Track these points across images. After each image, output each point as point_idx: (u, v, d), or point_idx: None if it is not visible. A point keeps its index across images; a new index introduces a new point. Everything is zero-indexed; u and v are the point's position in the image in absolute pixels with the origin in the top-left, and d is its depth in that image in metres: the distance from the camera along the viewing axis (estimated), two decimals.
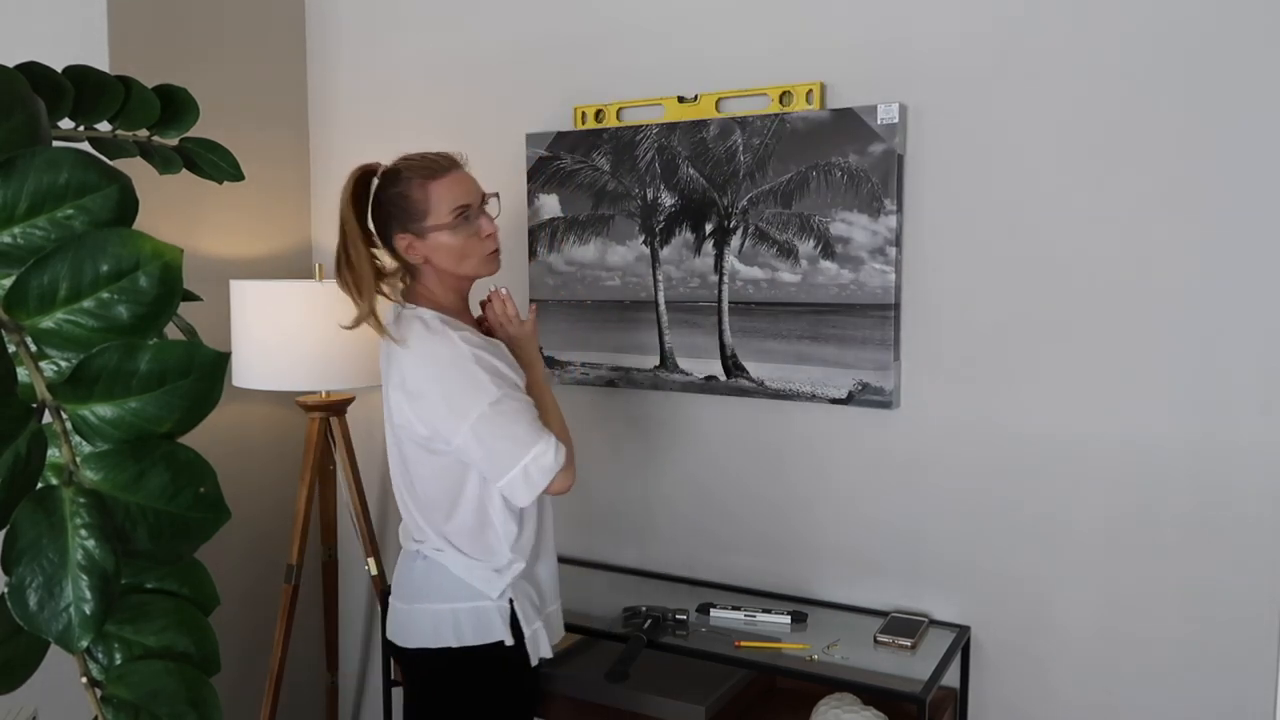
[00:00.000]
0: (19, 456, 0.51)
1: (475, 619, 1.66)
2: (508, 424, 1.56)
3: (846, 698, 1.84)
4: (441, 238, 1.63)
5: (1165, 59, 1.73)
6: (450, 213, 1.62)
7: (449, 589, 1.68)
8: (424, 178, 1.63)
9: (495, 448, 1.57)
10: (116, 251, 0.54)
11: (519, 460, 1.56)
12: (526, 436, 1.57)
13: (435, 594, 1.69)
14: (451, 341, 1.59)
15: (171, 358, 0.55)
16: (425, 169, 1.63)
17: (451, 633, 1.67)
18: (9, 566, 0.52)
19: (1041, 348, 1.86)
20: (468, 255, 1.65)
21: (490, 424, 1.56)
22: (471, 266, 1.66)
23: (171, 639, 0.60)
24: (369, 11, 2.58)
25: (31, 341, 0.55)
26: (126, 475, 0.55)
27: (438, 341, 1.60)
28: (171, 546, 0.56)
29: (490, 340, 1.68)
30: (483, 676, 1.70)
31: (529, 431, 1.57)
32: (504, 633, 1.66)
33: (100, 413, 0.55)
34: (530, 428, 1.58)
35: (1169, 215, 1.74)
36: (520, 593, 1.70)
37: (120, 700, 0.57)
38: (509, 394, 1.58)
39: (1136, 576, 1.81)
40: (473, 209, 1.64)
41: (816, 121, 1.98)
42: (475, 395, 1.56)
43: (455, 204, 1.62)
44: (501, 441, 1.56)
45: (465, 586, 1.67)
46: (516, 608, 1.68)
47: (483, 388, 1.56)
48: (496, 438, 1.56)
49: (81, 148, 0.60)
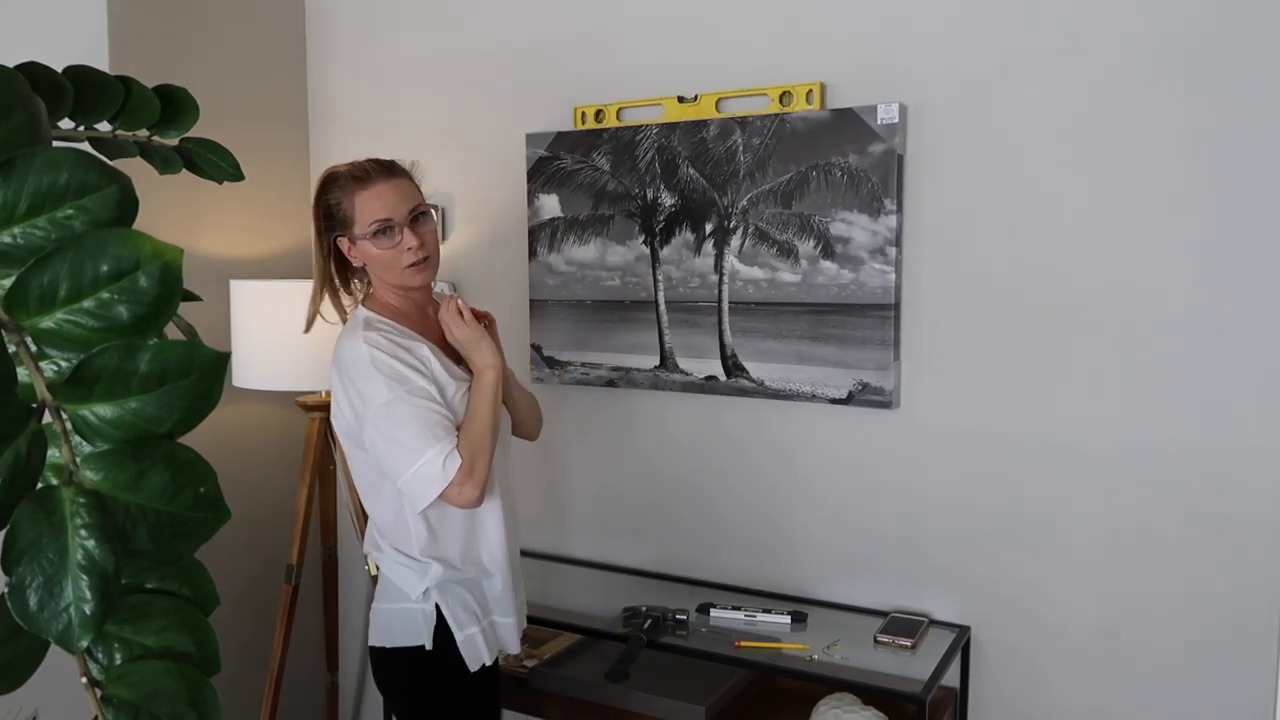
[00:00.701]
0: (19, 456, 0.51)
1: (401, 620, 1.67)
2: (394, 428, 1.56)
3: (846, 698, 1.84)
4: (365, 247, 1.65)
5: (1165, 59, 1.73)
6: (370, 224, 1.63)
7: (384, 589, 1.71)
8: (352, 187, 1.64)
9: (386, 450, 1.58)
10: (116, 251, 0.54)
11: (407, 466, 1.56)
12: (413, 443, 1.55)
13: (379, 594, 1.73)
14: (356, 342, 1.61)
15: (172, 358, 0.55)
16: (354, 178, 1.65)
17: (382, 633, 1.70)
18: (9, 566, 0.52)
19: (1041, 348, 1.86)
20: (389, 266, 1.65)
21: (378, 427, 1.57)
22: (394, 277, 1.66)
23: (171, 639, 0.60)
24: (369, 11, 2.58)
25: (31, 341, 0.55)
26: (126, 475, 0.55)
27: (346, 342, 1.64)
28: (171, 546, 0.56)
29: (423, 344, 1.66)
30: (413, 679, 1.70)
31: (416, 438, 1.55)
32: (425, 637, 1.65)
33: (100, 413, 0.55)
34: (419, 435, 1.55)
35: (1169, 215, 1.74)
36: (452, 598, 1.67)
37: (120, 700, 0.56)
38: (403, 398, 1.56)
39: (1136, 577, 1.81)
40: (394, 222, 1.63)
41: (816, 121, 1.98)
42: (369, 396, 1.58)
43: (374, 217, 1.63)
44: (390, 445, 1.57)
45: (393, 587, 1.69)
46: (445, 612, 1.66)
47: (375, 390, 1.57)
48: (387, 440, 1.57)
49: (81, 148, 0.60)
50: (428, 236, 1.66)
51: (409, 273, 1.65)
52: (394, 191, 1.64)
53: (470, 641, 1.67)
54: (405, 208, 1.64)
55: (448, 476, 1.55)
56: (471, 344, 1.67)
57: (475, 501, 1.58)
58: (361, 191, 1.63)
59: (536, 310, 2.33)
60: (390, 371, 1.58)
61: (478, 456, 1.58)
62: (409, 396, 1.57)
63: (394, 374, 1.58)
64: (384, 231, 1.63)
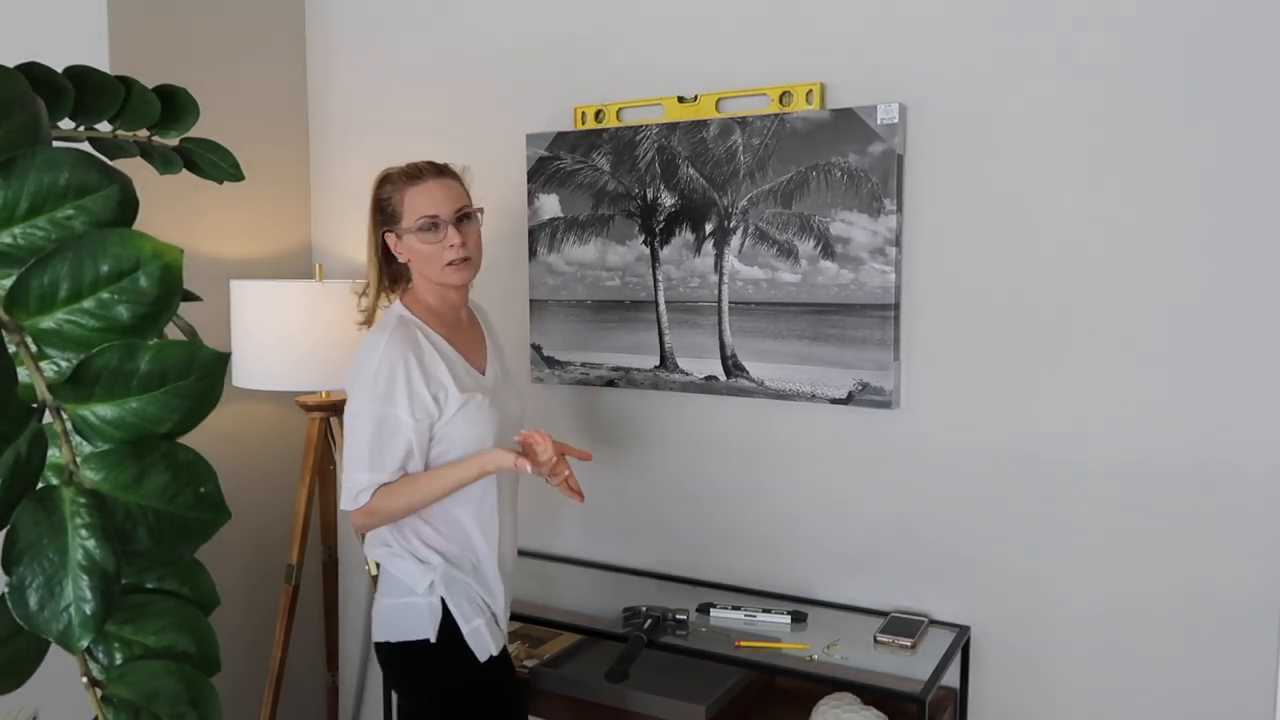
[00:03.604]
0: (19, 456, 0.51)
1: (406, 614, 1.70)
2: (352, 436, 1.66)
3: (846, 698, 1.84)
4: (411, 242, 1.71)
5: (1166, 60, 1.73)
6: (417, 219, 1.69)
7: (387, 585, 1.74)
8: (404, 183, 1.72)
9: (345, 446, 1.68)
10: (117, 251, 0.54)
11: (344, 470, 1.67)
12: (354, 460, 1.65)
13: (382, 590, 1.76)
14: (376, 343, 1.67)
15: (172, 358, 0.55)
16: (407, 175, 1.72)
17: (387, 628, 1.72)
18: (9, 566, 0.52)
19: (1041, 347, 1.86)
20: (431, 262, 1.71)
21: (348, 423, 1.68)
22: (435, 274, 1.72)
23: (172, 639, 0.60)
24: (369, 12, 2.58)
25: (32, 341, 0.55)
26: (127, 475, 0.55)
27: (372, 336, 1.70)
28: (172, 546, 0.56)
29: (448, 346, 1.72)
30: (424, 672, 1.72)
31: (360, 458, 1.64)
32: (430, 630, 1.68)
33: (100, 413, 0.55)
34: (363, 455, 1.64)
35: (1168, 215, 1.74)
36: (458, 591, 1.70)
37: (121, 700, 0.56)
38: (372, 417, 1.63)
39: (1136, 576, 1.82)
40: (440, 219, 1.69)
41: (816, 121, 1.98)
42: (354, 393, 1.67)
43: (421, 213, 1.69)
44: (347, 445, 1.68)
45: (397, 582, 1.72)
46: (450, 605, 1.69)
47: (359, 393, 1.65)
48: (348, 438, 1.68)
49: (82, 148, 0.60)
50: (471, 237, 1.73)
51: (448, 271, 1.70)
52: (443, 190, 1.71)
53: (477, 633, 1.70)
54: (452, 207, 1.71)
55: (356, 502, 1.65)
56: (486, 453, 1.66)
57: (357, 529, 1.70)
58: (412, 187, 1.70)
59: (536, 310, 2.33)
60: (384, 388, 1.64)
61: (389, 509, 1.65)
62: (379, 421, 1.64)
63: (384, 393, 1.64)
64: (429, 228, 1.69)
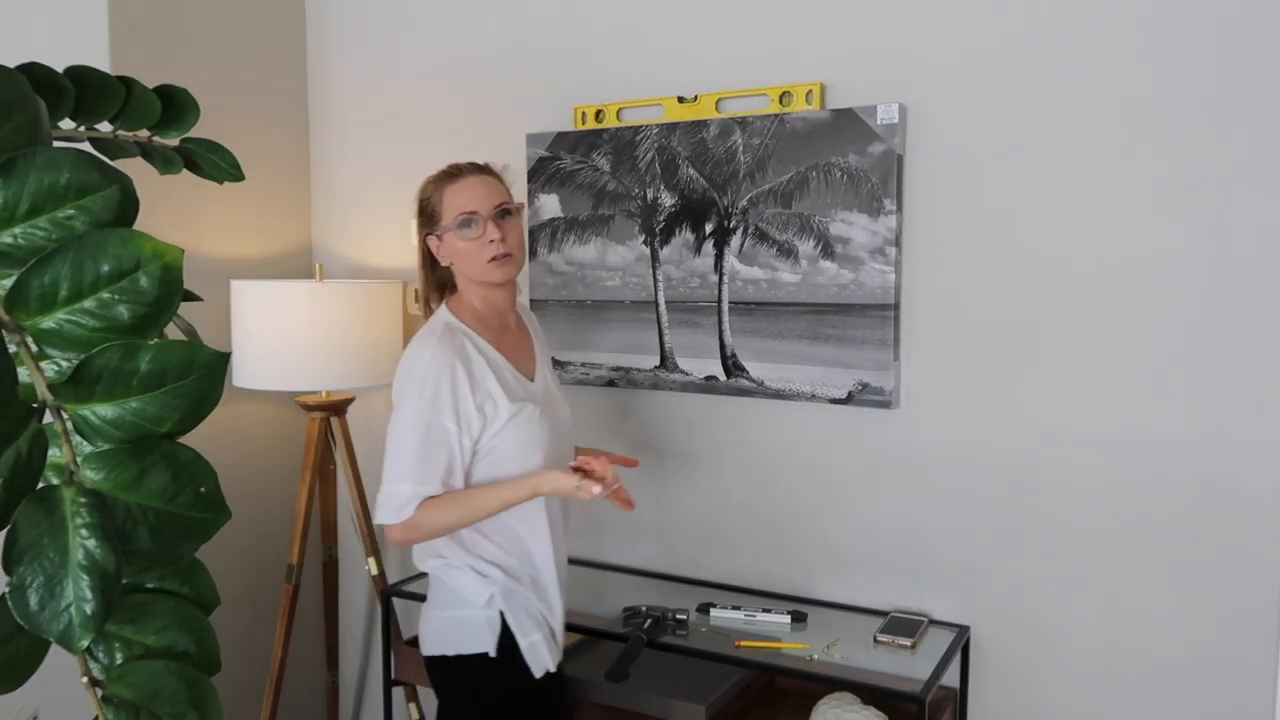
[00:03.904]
0: (20, 456, 0.51)
1: (463, 627, 1.67)
2: (394, 446, 1.62)
3: (846, 697, 1.84)
4: (452, 240, 1.69)
5: (1165, 60, 1.73)
6: (456, 216, 1.68)
7: (441, 597, 1.71)
8: (443, 183, 1.71)
9: (387, 453, 1.63)
10: (117, 251, 0.54)
11: (386, 480, 1.62)
12: (397, 470, 1.60)
13: (436, 602, 1.73)
14: (422, 351, 1.64)
15: (172, 358, 0.55)
16: (446, 174, 1.72)
17: (443, 641, 1.69)
18: (10, 566, 0.52)
19: (1041, 348, 1.86)
20: (472, 260, 1.69)
21: (391, 433, 1.64)
22: (477, 271, 1.70)
23: (172, 639, 0.60)
24: (369, 12, 2.58)
25: (32, 341, 0.55)
26: (127, 475, 0.55)
27: (416, 344, 1.67)
28: (172, 546, 0.56)
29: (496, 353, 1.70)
30: (480, 687, 1.69)
31: (404, 468, 1.59)
32: (489, 644, 1.65)
33: (101, 413, 0.55)
34: (408, 465, 1.59)
35: (1168, 215, 1.74)
36: (517, 604, 1.68)
37: (121, 699, 0.57)
38: (418, 427, 1.59)
39: (1136, 576, 1.82)
40: (479, 215, 1.68)
41: (816, 122, 1.98)
42: (401, 403, 1.64)
43: (460, 209, 1.68)
44: (389, 455, 1.63)
45: (453, 594, 1.69)
46: (509, 619, 1.66)
47: (406, 401, 1.62)
48: (390, 448, 1.63)
49: (82, 148, 0.60)
50: (511, 233, 1.71)
51: (490, 267, 1.68)
52: (482, 185, 1.71)
53: (534, 648, 1.67)
54: (491, 202, 1.70)
55: (399, 516, 1.59)
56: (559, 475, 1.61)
57: (397, 544, 1.64)
58: (450, 186, 1.70)
59: (536, 310, 2.33)
60: (431, 394, 1.60)
61: (433, 525, 1.60)
62: (426, 428, 1.60)
63: (431, 400, 1.60)
64: (468, 224, 1.67)
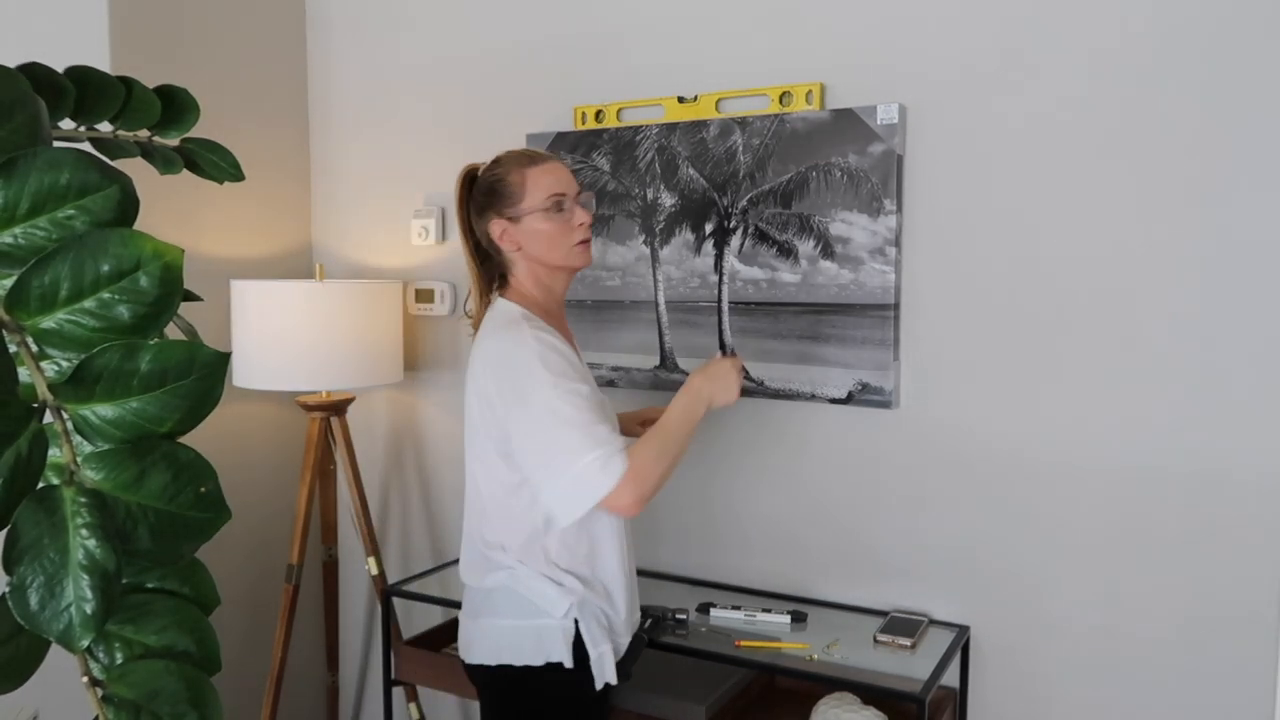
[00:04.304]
0: (20, 456, 0.51)
1: (535, 637, 1.60)
2: (555, 428, 1.49)
3: (846, 697, 1.84)
4: (535, 222, 1.63)
5: (1166, 60, 1.73)
6: (546, 198, 1.62)
7: (508, 604, 1.62)
8: (523, 164, 1.65)
9: (541, 452, 1.52)
10: (117, 251, 0.54)
11: (564, 470, 1.49)
12: (571, 447, 1.48)
13: (499, 610, 1.64)
14: (519, 338, 1.55)
15: (172, 358, 0.55)
16: (525, 157, 1.67)
17: (509, 650, 1.62)
18: (10, 566, 0.52)
19: (1041, 348, 1.86)
20: (558, 243, 1.64)
21: (537, 426, 1.51)
22: (561, 255, 1.64)
23: (172, 638, 0.60)
24: (369, 11, 2.58)
25: (33, 341, 0.55)
26: (127, 475, 0.55)
27: (505, 337, 1.57)
28: (172, 546, 0.57)
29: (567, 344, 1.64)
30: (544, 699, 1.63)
31: (577, 442, 1.48)
32: (564, 654, 1.59)
33: (101, 413, 0.55)
34: (585, 436, 1.48)
35: (1168, 216, 1.74)
36: (589, 614, 1.62)
37: (121, 700, 0.57)
38: (566, 398, 1.49)
39: (1136, 576, 1.82)
40: (568, 198, 1.65)
41: (816, 122, 1.98)
42: (531, 393, 1.51)
43: (551, 190, 1.63)
44: (546, 447, 1.51)
45: (525, 603, 1.61)
46: (583, 628, 1.60)
47: (538, 387, 1.51)
48: (545, 441, 1.51)
49: (82, 148, 0.60)
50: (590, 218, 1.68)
51: (577, 251, 1.65)
52: (565, 170, 1.68)
53: (601, 660, 1.61)
54: (575, 187, 1.68)
55: (611, 478, 1.47)
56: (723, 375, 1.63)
57: (631, 507, 1.49)
58: (534, 168, 1.64)
59: None
60: (558, 369, 1.52)
61: (654, 463, 1.51)
62: (573, 397, 1.50)
63: (561, 372, 1.52)
64: (560, 205, 1.63)
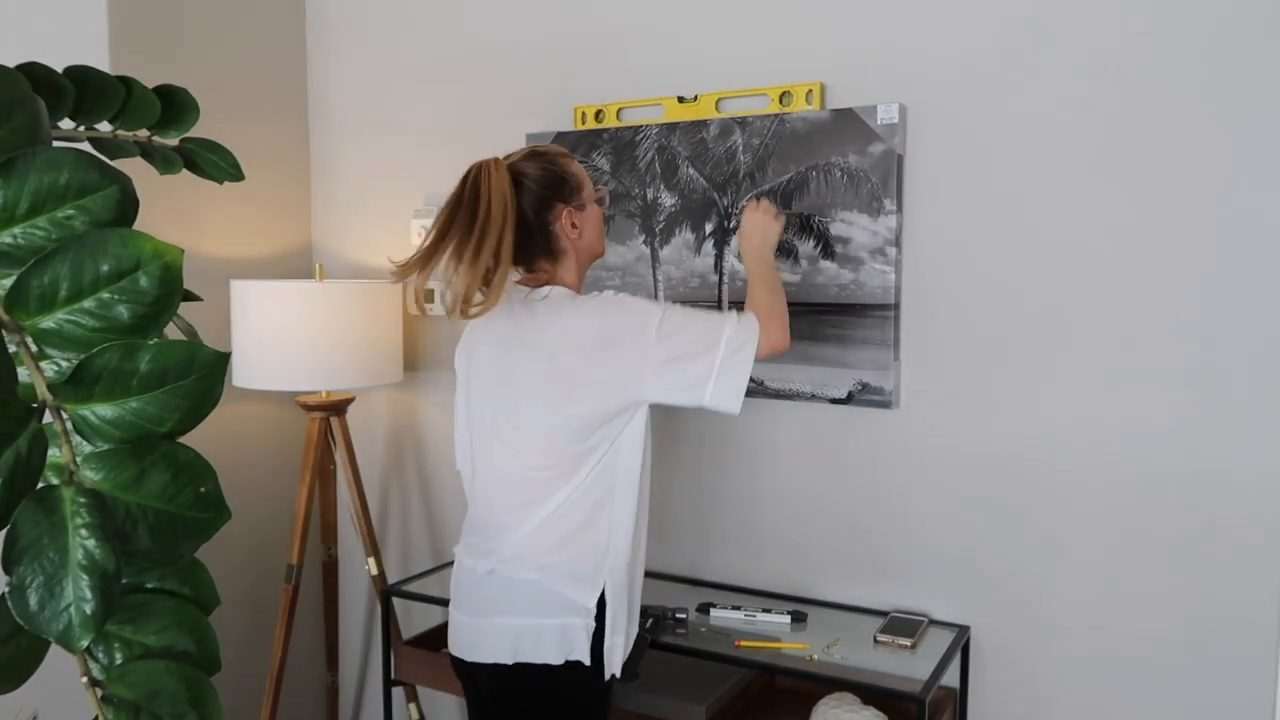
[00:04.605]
0: (20, 456, 0.51)
1: (568, 635, 1.60)
2: (686, 323, 1.57)
3: (846, 697, 1.84)
4: (593, 211, 1.71)
5: (1167, 59, 1.73)
6: (597, 191, 1.73)
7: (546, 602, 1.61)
8: (568, 158, 1.70)
9: (691, 344, 1.56)
10: (117, 251, 0.54)
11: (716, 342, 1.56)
12: (709, 336, 1.56)
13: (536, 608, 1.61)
14: (593, 296, 1.62)
15: (172, 358, 0.55)
16: (558, 152, 1.70)
17: (549, 647, 1.60)
18: (9, 566, 0.52)
19: (1042, 348, 1.86)
20: (602, 231, 1.75)
21: (671, 330, 1.56)
22: (601, 243, 1.76)
23: (172, 639, 0.60)
24: (369, 11, 2.58)
25: (32, 341, 0.55)
26: (127, 475, 0.55)
27: (585, 301, 1.61)
28: (172, 546, 0.56)
29: None
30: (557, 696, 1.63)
31: (708, 324, 1.58)
32: (584, 650, 1.60)
33: (101, 413, 0.55)
34: (708, 319, 1.59)
35: (1168, 216, 1.74)
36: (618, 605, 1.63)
37: (121, 700, 0.57)
38: (672, 307, 1.60)
39: (1136, 576, 1.82)
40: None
41: (816, 122, 1.98)
42: (645, 318, 1.57)
43: (595, 184, 1.75)
44: (693, 337, 1.56)
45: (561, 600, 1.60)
46: (607, 617, 1.61)
47: (645, 310, 1.58)
48: (689, 335, 1.57)
49: (82, 148, 0.60)
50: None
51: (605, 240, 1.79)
52: None
53: (613, 650, 1.63)
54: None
55: (751, 327, 1.58)
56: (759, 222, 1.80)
57: (783, 339, 1.62)
58: (576, 163, 1.71)
59: None
60: (643, 300, 1.62)
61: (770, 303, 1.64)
62: (674, 310, 1.59)
63: (646, 302, 1.61)
64: (603, 199, 1.75)
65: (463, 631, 1.70)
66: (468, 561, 1.70)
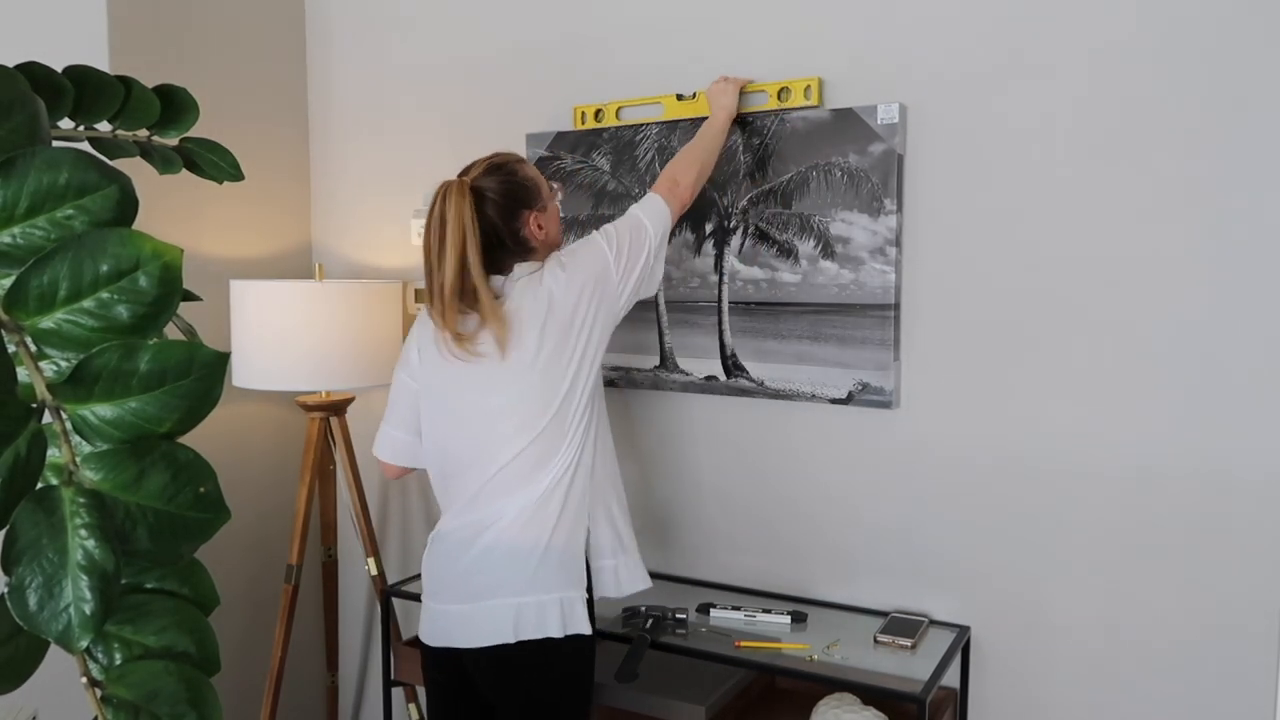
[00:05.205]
0: (19, 456, 0.51)
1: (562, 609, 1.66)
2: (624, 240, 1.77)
3: (846, 698, 1.84)
4: (553, 209, 1.80)
5: (1167, 59, 1.73)
6: (554, 189, 1.83)
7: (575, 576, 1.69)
8: (521, 162, 1.77)
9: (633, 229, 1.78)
10: (116, 251, 0.54)
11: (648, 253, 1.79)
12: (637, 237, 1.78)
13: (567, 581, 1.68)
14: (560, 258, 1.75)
15: (171, 358, 0.55)
16: (511, 156, 1.78)
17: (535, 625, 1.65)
18: (9, 566, 0.52)
19: (1042, 348, 1.86)
20: (559, 223, 1.84)
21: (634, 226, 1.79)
22: (561, 233, 1.86)
23: (172, 639, 0.60)
24: (369, 11, 2.58)
25: (31, 341, 0.55)
26: (127, 475, 0.55)
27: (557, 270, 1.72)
28: (172, 546, 0.56)
29: None
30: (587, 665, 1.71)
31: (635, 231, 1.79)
32: (584, 623, 1.67)
33: (100, 413, 0.55)
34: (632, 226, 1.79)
35: (1169, 216, 1.74)
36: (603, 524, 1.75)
37: (120, 700, 0.56)
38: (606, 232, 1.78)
39: (1136, 576, 1.81)
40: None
41: (816, 121, 1.98)
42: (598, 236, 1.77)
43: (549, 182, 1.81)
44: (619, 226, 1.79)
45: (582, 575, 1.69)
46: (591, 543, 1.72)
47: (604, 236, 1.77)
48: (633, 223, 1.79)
49: (81, 148, 0.60)
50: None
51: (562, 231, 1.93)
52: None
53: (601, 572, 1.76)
54: None
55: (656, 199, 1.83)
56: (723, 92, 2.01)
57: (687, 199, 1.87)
58: (530, 166, 1.79)
59: None
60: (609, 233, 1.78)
61: (684, 173, 1.87)
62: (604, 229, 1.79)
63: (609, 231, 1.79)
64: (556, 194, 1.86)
65: (450, 621, 1.70)
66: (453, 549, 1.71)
